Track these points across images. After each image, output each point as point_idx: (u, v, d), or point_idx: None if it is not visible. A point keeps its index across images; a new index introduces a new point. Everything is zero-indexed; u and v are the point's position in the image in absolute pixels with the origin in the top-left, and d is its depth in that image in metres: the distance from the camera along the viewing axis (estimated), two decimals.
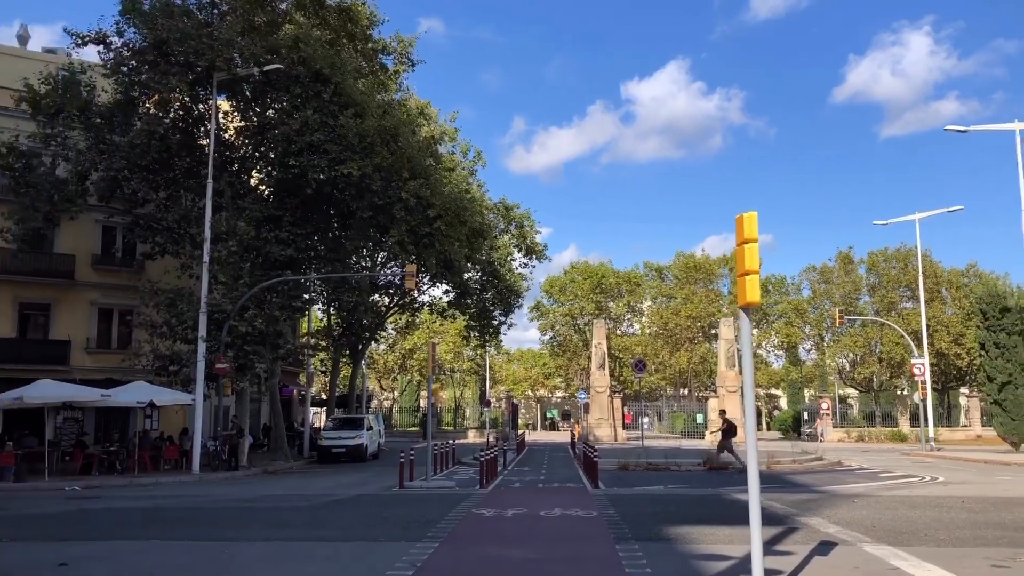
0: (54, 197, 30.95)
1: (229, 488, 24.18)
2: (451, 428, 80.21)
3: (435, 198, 32.49)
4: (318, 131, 30.10)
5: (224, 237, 30.46)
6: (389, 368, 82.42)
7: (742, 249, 8.54)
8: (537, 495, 19.91)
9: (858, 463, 33.68)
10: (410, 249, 33.41)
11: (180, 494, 22.24)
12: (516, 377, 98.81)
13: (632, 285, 75.86)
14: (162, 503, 19.55)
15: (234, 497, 20.94)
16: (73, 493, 23.06)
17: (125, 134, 31.56)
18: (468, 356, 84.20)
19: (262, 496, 20.98)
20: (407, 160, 31.76)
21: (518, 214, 50.05)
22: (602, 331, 66.58)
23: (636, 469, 29.22)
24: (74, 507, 18.73)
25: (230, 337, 30.47)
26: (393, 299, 49.67)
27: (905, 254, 70.38)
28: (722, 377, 63.46)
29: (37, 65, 34.02)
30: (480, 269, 46.12)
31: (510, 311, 50.38)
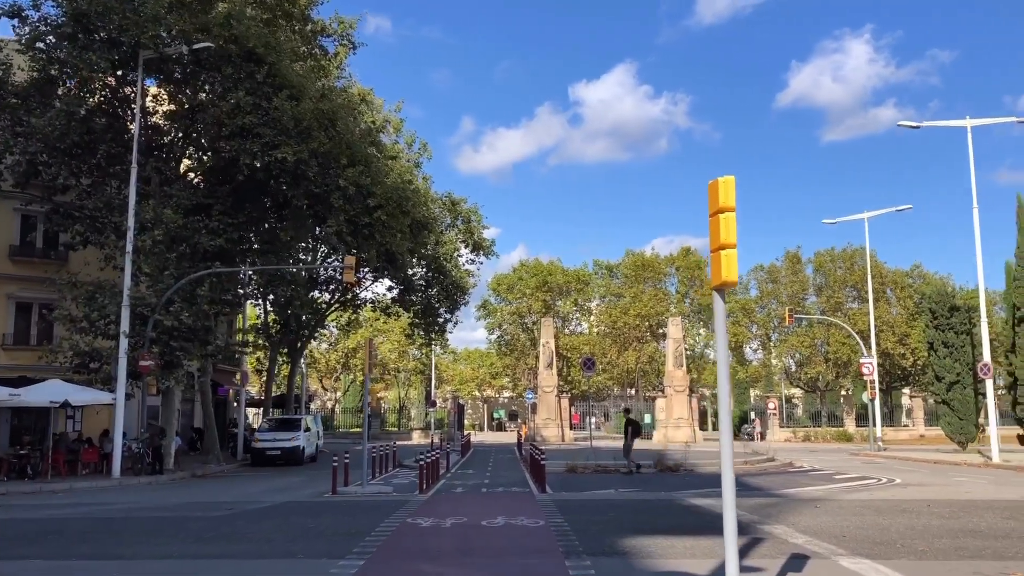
0: None
1: (148, 495, 22.35)
2: (396, 429, 78.37)
3: (376, 187, 30.89)
4: (251, 114, 28.33)
5: (150, 226, 28.48)
6: (332, 367, 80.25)
7: (716, 220, 7.29)
8: (480, 501, 18.54)
9: (810, 464, 32.99)
10: (349, 240, 31.73)
11: (92, 502, 20.38)
12: (463, 377, 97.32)
13: (581, 284, 74.90)
14: (69, 513, 17.73)
15: (150, 505, 19.19)
16: None
17: (43, 116, 29.38)
18: (414, 356, 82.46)
19: (181, 504, 19.26)
20: (346, 146, 30.12)
21: (465, 209, 48.62)
22: (550, 330, 65.47)
23: (584, 471, 28.03)
24: None
25: (155, 332, 28.54)
26: (334, 295, 47.83)
27: (851, 255, 70.59)
28: (670, 377, 62.82)
29: None
30: (425, 264, 44.59)
31: (456, 308, 48.95)
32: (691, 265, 71.53)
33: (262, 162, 28.39)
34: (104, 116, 30.67)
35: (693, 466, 29.14)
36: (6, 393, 25.34)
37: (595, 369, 44.42)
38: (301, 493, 21.76)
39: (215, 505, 18.59)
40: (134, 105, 29.42)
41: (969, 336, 41.17)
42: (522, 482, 24.49)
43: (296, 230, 31.19)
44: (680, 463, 29.00)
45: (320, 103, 29.42)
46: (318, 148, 29.00)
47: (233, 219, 30.60)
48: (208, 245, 29.38)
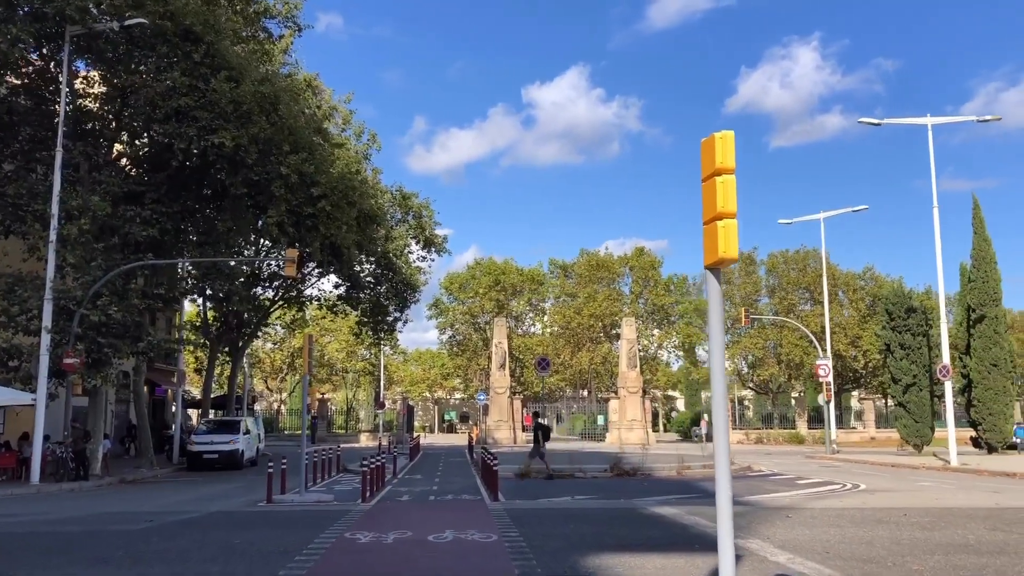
0: None
1: (66, 503, 20.51)
2: (343, 432, 76.24)
3: (320, 176, 29.24)
4: (186, 96, 26.52)
5: (76, 214, 26.48)
6: (277, 368, 77.90)
7: (712, 184, 6.02)
8: (427, 511, 17.12)
9: (768, 467, 32.16)
10: (291, 232, 29.98)
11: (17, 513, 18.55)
12: (413, 378, 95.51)
13: (535, 283, 73.71)
14: None
15: (63, 517, 17.40)
16: None
17: None
18: (363, 356, 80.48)
19: (97, 515, 17.50)
20: (289, 132, 28.43)
21: (416, 204, 47.01)
22: (503, 330, 64.22)
23: (538, 476, 26.75)
24: None
25: (81, 328, 26.57)
26: (278, 292, 45.91)
27: (804, 256, 70.47)
28: (623, 378, 62.00)
29: None
30: (373, 260, 42.90)
31: (406, 306, 47.33)
32: (645, 265, 70.80)
33: (198, 147, 26.57)
34: (29, 97, 28.59)
35: (650, 470, 28.07)
36: None
37: (550, 369, 43.27)
38: (233, 502, 20.11)
39: (135, 516, 16.89)
40: (61, 84, 27.37)
41: (926, 338, 40.82)
42: (473, 489, 23.12)
43: (235, 221, 29.36)
44: (637, 467, 27.90)
45: (261, 86, 27.71)
46: (259, 133, 27.28)
47: (168, 208, 28.69)
48: (140, 236, 27.50)
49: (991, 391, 39.23)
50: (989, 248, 40.19)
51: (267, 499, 19.42)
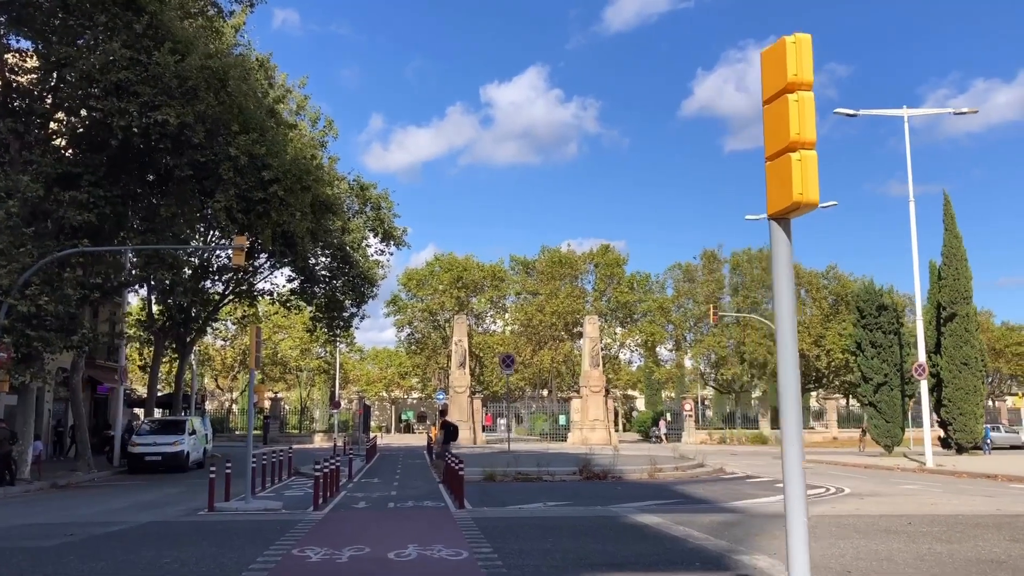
0: None
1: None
2: (297, 432, 74.00)
3: (272, 159, 27.32)
4: (127, 69, 24.47)
5: (4, 196, 24.30)
6: (228, 365, 75.31)
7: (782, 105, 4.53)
8: (386, 522, 15.45)
9: (741, 469, 31.00)
10: (240, 219, 27.98)
11: None
12: (370, 377, 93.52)
13: (496, 280, 72.10)
14: None
15: None
16: None
17: None
18: (318, 354, 78.27)
19: (11, 528, 15.54)
20: (238, 111, 26.50)
21: (374, 195, 45.07)
22: (463, 327, 62.62)
23: (504, 479, 25.22)
24: None
25: (8, 320, 24.39)
26: (228, 286, 43.73)
27: (769, 255, 69.86)
28: (586, 377, 60.78)
29: None
30: (329, 253, 40.92)
31: (363, 301, 45.34)
32: (610, 262, 69.62)
33: (139, 124, 24.52)
34: None
35: (621, 472, 26.67)
36: None
37: (514, 367, 41.75)
38: (171, 510, 18.24)
39: (56, 529, 14.97)
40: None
41: (897, 336, 40.08)
42: (435, 494, 21.50)
43: (180, 207, 27.30)
44: (607, 469, 26.49)
45: (209, 60, 25.72)
46: (205, 111, 25.31)
47: (107, 192, 26.53)
48: (75, 221, 25.37)
49: (961, 390, 38.60)
50: (960, 245, 39.57)
51: (208, 507, 17.60)
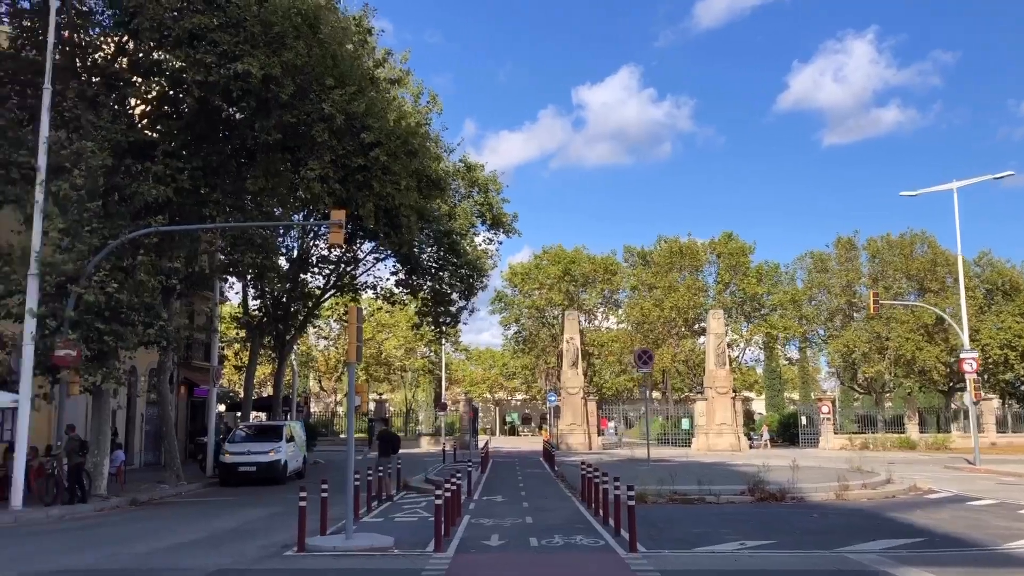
0: None
1: (27, 544, 14.84)
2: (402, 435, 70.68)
3: (372, 119, 23.26)
4: (202, 13, 20.79)
5: (68, 167, 20.94)
6: (332, 366, 72.55)
7: None
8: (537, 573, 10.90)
9: (935, 485, 25.27)
10: (336, 190, 23.99)
11: None
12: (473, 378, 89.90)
13: (608, 273, 67.01)
14: None
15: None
16: None
17: None
18: (422, 353, 74.87)
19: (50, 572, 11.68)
20: (332, 61, 22.50)
21: (482, 177, 40.91)
22: (575, 325, 57.91)
23: (658, 501, 20.42)
24: None
25: (76, 312, 21.00)
26: (328, 280, 40.23)
27: (911, 240, 62.82)
28: (711, 377, 55.18)
29: None
30: (434, 240, 36.87)
31: (472, 294, 41.13)
32: (734, 251, 63.61)
33: (218, 78, 20.77)
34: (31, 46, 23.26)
35: (801, 492, 21.51)
36: None
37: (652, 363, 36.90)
38: (252, 546, 14.13)
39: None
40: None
41: None
42: (581, 522, 16.92)
43: (268, 179, 23.53)
44: (784, 489, 21.33)
45: (297, 1, 21.76)
46: (294, 61, 21.36)
47: (185, 164, 22.96)
48: (149, 196, 21.83)
49: None
50: None
51: (298, 546, 13.41)
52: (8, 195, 22.59)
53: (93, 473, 22.65)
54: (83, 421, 27.27)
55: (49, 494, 21.12)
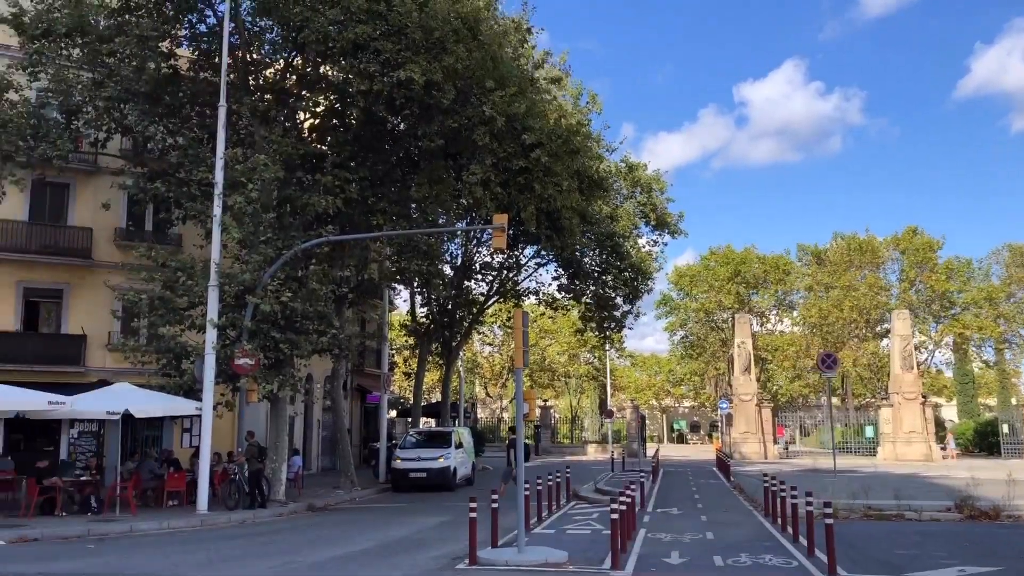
0: (27, 137, 22.91)
1: (211, 548, 15.19)
2: (567, 442, 70.25)
3: (533, 120, 22.82)
4: (364, 23, 20.97)
5: (243, 182, 21.66)
6: (497, 372, 73.12)
7: None
8: None
9: None
10: (498, 194, 23.70)
11: (120, 564, 13.38)
12: (638, 384, 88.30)
13: (781, 273, 64.00)
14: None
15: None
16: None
17: (124, 58, 23.40)
18: (585, 360, 74.20)
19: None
20: (492, 63, 22.21)
21: (644, 176, 39.79)
22: (746, 328, 55.49)
23: (850, 517, 18.74)
24: None
25: (253, 322, 21.65)
26: (491, 286, 40.26)
27: None
28: (897, 381, 51.38)
29: None
30: (597, 242, 36.07)
31: (637, 297, 40.03)
32: (919, 247, 59.22)
33: (381, 87, 20.91)
34: (206, 67, 24.44)
35: (1019, 511, 19.20)
36: (44, 401, 18.92)
37: (837, 368, 34.60)
38: (423, 557, 13.80)
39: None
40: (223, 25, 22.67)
41: None
42: (767, 537, 15.68)
43: (431, 186, 23.55)
44: (998, 506, 19.10)
45: (457, 5, 21.65)
46: (454, 65, 21.21)
47: (353, 174, 23.33)
48: (319, 206, 22.29)
49: None
50: None
51: (470, 558, 12.94)
52: (190, 211, 23.74)
53: (272, 479, 23.29)
54: (262, 428, 28.28)
55: (232, 498, 21.84)
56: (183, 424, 29.68)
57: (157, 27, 23.15)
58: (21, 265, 28.04)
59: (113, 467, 24.40)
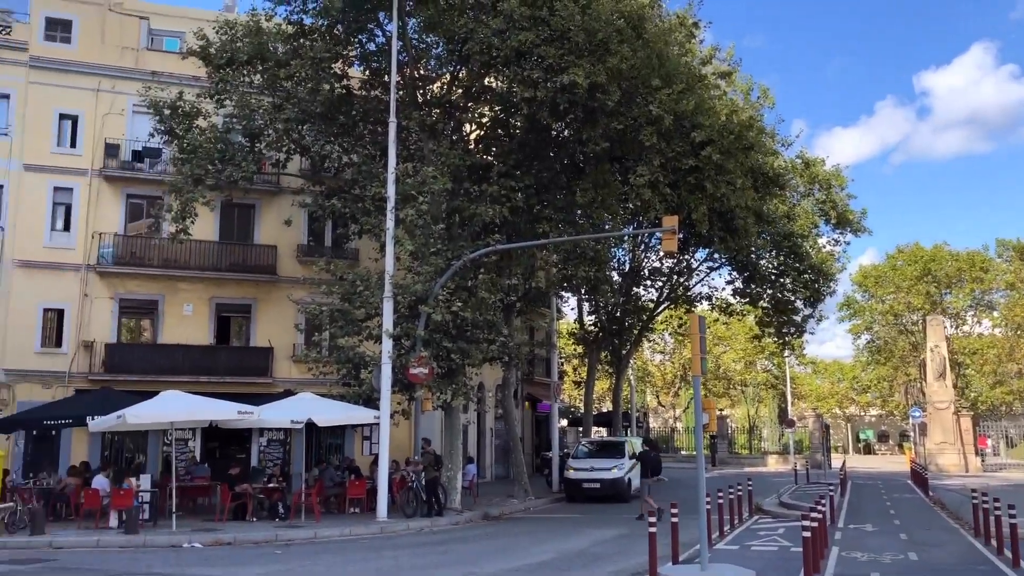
0: (215, 161, 24.38)
1: (389, 556, 15.36)
2: (746, 452, 67.60)
3: (702, 116, 21.97)
4: (527, 30, 20.86)
5: (413, 194, 22.08)
6: (669, 381, 71.60)
7: None
8: None
9: None
10: (667, 195, 22.95)
11: (303, 571, 13.74)
12: (820, 392, 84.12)
13: (978, 271, 59.18)
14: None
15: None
16: (189, 552, 15.43)
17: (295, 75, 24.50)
18: (763, 367, 71.42)
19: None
20: (657, 61, 21.55)
21: (823, 172, 37.68)
22: (939, 331, 51.50)
23: None
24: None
25: (426, 331, 21.97)
26: (661, 292, 39.29)
27: None
28: None
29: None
30: (774, 243, 34.43)
31: (818, 300, 37.90)
32: None
33: (544, 92, 20.73)
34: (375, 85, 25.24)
35: None
36: (233, 410, 19.86)
37: None
38: (599, 571, 13.29)
39: None
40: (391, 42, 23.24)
41: None
42: (980, 560, 14.28)
43: (596, 190, 23.14)
44: None
45: (620, 4, 21.17)
46: (618, 66, 20.72)
47: (518, 183, 23.33)
48: (486, 216, 22.39)
49: None
50: None
51: (650, 574, 12.36)
52: (365, 225, 24.44)
53: (448, 487, 23.49)
54: (437, 436, 28.68)
55: (410, 506, 22.15)
56: (363, 432, 30.64)
57: (330, 49, 24.10)
58: (213, 282, 29.79)
59: (298, 474, 25.56)
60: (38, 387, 27.01)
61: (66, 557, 15.21)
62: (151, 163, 28.96)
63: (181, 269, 29.04)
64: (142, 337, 30.15)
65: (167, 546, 16.83)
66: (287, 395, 25.15)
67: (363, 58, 25.84)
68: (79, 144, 28.88)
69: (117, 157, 29.00)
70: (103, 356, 27.79)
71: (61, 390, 26.91)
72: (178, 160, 24.62)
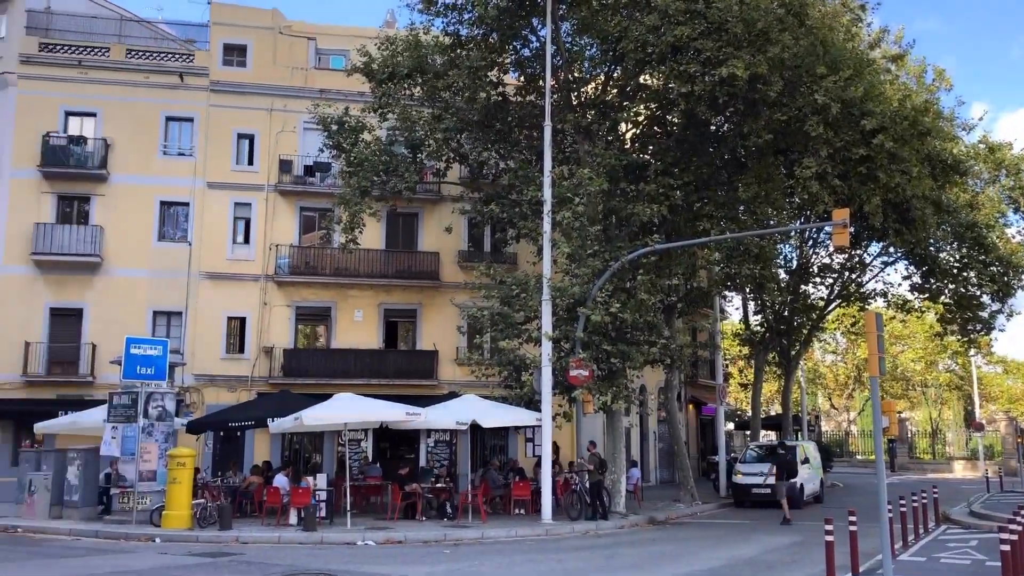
0: (380, 173, 25.34)
1: (553, 559, 15.38)
2: (928, 457, 63.45)
3: (872, 103, 20.77)
4: (682, 24, 20.43)
5: (570, 197, 22.11)
6: (841, 383, 68.29)
7: None
8: None
9: None
10: (837, 187, 21.83)
11: (472, 572, 14.01)
12: (1012, 394, 77.78)
13: None
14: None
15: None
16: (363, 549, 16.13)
17: (458, 91, 25.12)
18: (945, 367, 66.82)
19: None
20: (822, 47, 20.56)
21: (1010, 157, 34.88)
22: None
23: None
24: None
25: (585, 333, 21.90)
26: (832, 290, 37.51)
27: None
28: None
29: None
30: (955, 235, 32.13)
31: (1008, 294, 35.06)
32: None
33: (702, 86, 20.23)
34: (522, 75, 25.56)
35: None
36: (402, 412, 20.48)
37: None
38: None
39: None
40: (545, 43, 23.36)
41: None
42: None
43: (759, 185, 22.32)
44: None
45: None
46: (780, 55, 19.92)
47: (677, 180, 22.89)
48: (644, 215, 22.08)
49: None
50: None
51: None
52: (523, 229, 24.69)
53: (611, 490, 23.31)
54: (600, 439, 28.55)
55: (574, 508, 22.15)
56: (526, 434, 30.94)
57: (485, 57, 24.53)
58: (381, 289, 30.95)
59: (464, 474, 26.13)
60: (224, 390, 28.94)
61: (252, 552, 16.14)
62: (321, 177, 30.40)
63: (351, 277, 30.32)
64: (316, 342, 31.68)
65: (342, 543, 17.56)
66: (451, 397, 25.78)
67: (518, 64, 26.14)
68: (256, 161, 30.72)
69: (290, 172, 30.65)
70: (282, 361, 29.41)
71: (244, 393, 28.75)
72: (346, 173, 25.76)
